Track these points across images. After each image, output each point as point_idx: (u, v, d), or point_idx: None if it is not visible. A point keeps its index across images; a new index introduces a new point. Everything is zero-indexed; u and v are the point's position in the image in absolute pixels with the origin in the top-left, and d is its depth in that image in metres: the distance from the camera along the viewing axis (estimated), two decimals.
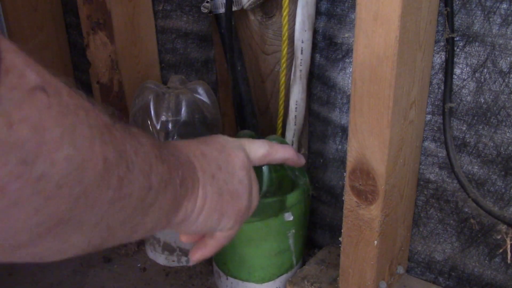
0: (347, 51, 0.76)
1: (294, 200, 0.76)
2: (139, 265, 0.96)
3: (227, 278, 0.83)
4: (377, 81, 0.58)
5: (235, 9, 0.81)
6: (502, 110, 0.64)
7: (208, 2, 0.83)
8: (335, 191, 0.86)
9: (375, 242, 0.67)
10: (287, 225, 0.77)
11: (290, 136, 0.82)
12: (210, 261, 0.93)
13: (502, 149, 0.65)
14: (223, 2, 0.80)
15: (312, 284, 0.78)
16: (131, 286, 0.91)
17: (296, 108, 0.79)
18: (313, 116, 0.85)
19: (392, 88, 0.57)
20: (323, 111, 0.82)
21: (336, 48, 0.77)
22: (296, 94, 0.78)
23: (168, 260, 0.94)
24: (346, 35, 0.75)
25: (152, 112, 0.86)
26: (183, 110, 0.86)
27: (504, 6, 0.60)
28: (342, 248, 0.71)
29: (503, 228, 0.66)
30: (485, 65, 0.63)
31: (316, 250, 0.91)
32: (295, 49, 0.76)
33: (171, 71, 1.02)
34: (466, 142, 0.68)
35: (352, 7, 0.73)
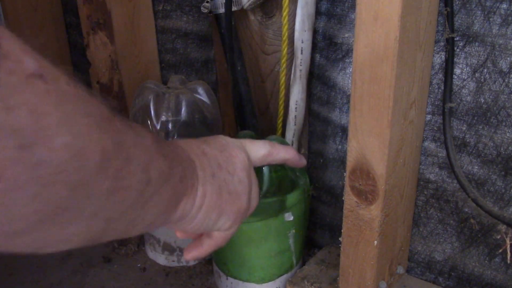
0: (347, 51, 0.76)
1: (294, 200, 0.76)
2: (139, 265, 0.96)
3: (227, 278, 0.83)
4: (377, 81, 0.58)
5: (235, 9, 0.81)
6: (502, 110, 0.64)
7: (208, 2, 0.83)
8: (335, 191, 0.86)
9: (375, 242, 0.67)
10: (287, 225, 0.77)
11: (290, 136, 0.82)
12: (210, 261, 0.93)
13: (502, 149, 0.65)
14: (223, 2, 0.80)
15: (312, 284, 0.78)
16: (131, 286, 0.91)
17: (296, 108, 0.79)
18: (313, 116, 0.85)
19: (392, 88, 0.57)
20: (323, 111, 0.82)
21: (336, 48, 0.77)
22: (296, 94, 0.78)
23: (168, 260, 0.94)
24: (346, 35, 0.75)
25: (152, 112, 0.86)
26: (183, 110, 0.86)
27: (504, 6, 0.60)
28: (342, 248, 0.71)
29: (502, 228, 0.66)
30: (485, 65, 0.63)
31: (316, 250, 0.91)
32: (295, 49, 0.76)
33: (171, 71, 1.02)
34: (466, 142, 0.68)
35: (352, 7, 0.73)
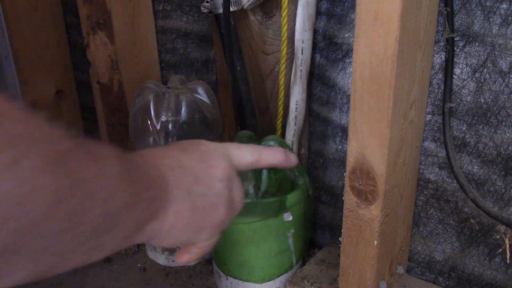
0: (347, 51, 0.76)
1: (294, 200, 0.76)
2: (139, 265, 0.96)
3: (227, 278, 0.83)
4: (377, 81, 0.58)
5: (234, 9, 0.81)
6: (502, 110, 0.64)
7: (208, 2, 0.83)
8: (335, 191, 0.86)
9: (375, 242, 0.67)
10: (286, 225, 0.77)
11: (290, 136, 0.82)
12: (210, 261, 0.93)
13: (502, 149, 0.65)
14: (222, 2, 0.80)
15: (312, 284, 0.78)
16: (131, 286, 0.91)
17: (296, 108, 0.79)
18: (313, 116, 0.85)
19: (392, 88, 0.57)
20: (323, 111, 0.82)
21: (336, 48, 0.77)
22: (297, 94, 0.78)
23: (168, 260, 0.94)
24: (346, 35, 0.75)
25: (152, 112, 0.86)
26: (183, 110, 0.86)
27: (504, 6, 0.60)
28: (342, 248, 0.71)
29: (501, 228, 0.66)
30: (485, 65, 0.63)
31: (316, 250, 0.91)
32: (296, 49, 0.76)
33: (171, 71, 1.02)
34: (466, 142, 0.68)
35: (352, 7, 0.73)
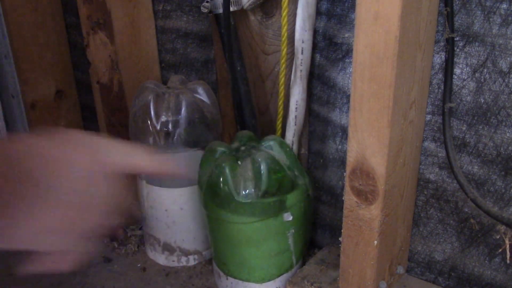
0: (347, 51, 0.76)
1: (294, 200, 0.76)
2: (139, 265, 0.96)
3: (227, 278, 0.83)
4: (377, 81, 0.58)
5: (234, 9, 0.81)
6: (502, 110, 0.64)
7: (208, 2, 0.83)
8: (335, 191, 0.86)
9: (375, 242, 0.67)
10: (286, 225, 0.77)
11: (290, 136, 0.82)
12: (210, 261, 0.93)
13: (502, 149, 0.65)
14: (222, 2, 0.80)
15: (312, 284, 0.78)
16: (131, 286, 0.91)
17: (296, 108, 0.79)
18: (313, 116, 0.85)
19: (392, 88, 0.57)
20: (323, 111, 0.82)
21: (336, 48, 0.77)
22: (297, 94, 0.78)
23: (168, 260, 0.94)
24: (346, 35, 0.75)
25: (152, 112, 0.86)
26: (183, 110, 0.86)
27: (504, 6, 0.60)
28: (342, 248, 0.71)
29: (501, 228, 0.66)
30: (485, 65, 0.63)
31: (316, 250, 0.91)
32: (296, 49, 0.76)
33: (171, 71, 1.02)
34: (466, 142, 0.68)
35: (352, 7, 0.73)
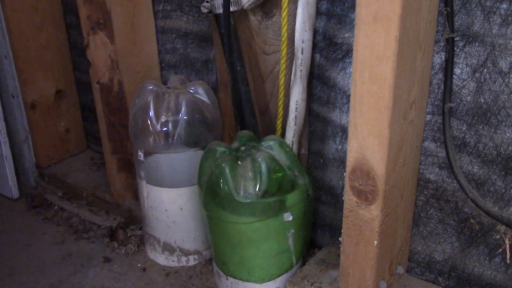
0: (347, 51, 0.76)
1: (294, 200, 0.76)
2: (139, 265, 0.96)
3: (227, 278, 0.83)
4: (377, 81, 0.58)
5: (234, 9, 0.81)
6: (502, 110, 0.64)
7: (208, 2, 0.83)
8: (335, 191, 0.86)
9: (375, 242, 0.67)
10: (286, 225, 0.77)
11: (290, 136, 0.82)
12: (210, 261, 0.93)
13: (502, 149, 0.65)
14: (222, 2, 0.80)
15: (312, 284, 0.78)
16: (131, 286, 0.91)
17: (296, 108, 0.79)
18: (313, 116, 0.85)
19: (392, 88, 0.57)
20: (323, 111, 0.82)
21: (336, 48, 0.77)
22: (297, 95, 0.78)
23: (168, 260, 0.94)
24: (346, 35, 0.75)
25: (152, 112, 0.86)
26: (183, 110, 0.87)
27: (504, 6, 0.60)
28: (342, 248, 0.71)
29: (501, 228, 0.66)
30: (485, 65, 0.63)
31: (316, 250, 0.91)
32: (296, 49, 0.76)
33: (171, 71, 1.02)
34: (466, 142, 0.68)
35: (352, 7, 0.73)
